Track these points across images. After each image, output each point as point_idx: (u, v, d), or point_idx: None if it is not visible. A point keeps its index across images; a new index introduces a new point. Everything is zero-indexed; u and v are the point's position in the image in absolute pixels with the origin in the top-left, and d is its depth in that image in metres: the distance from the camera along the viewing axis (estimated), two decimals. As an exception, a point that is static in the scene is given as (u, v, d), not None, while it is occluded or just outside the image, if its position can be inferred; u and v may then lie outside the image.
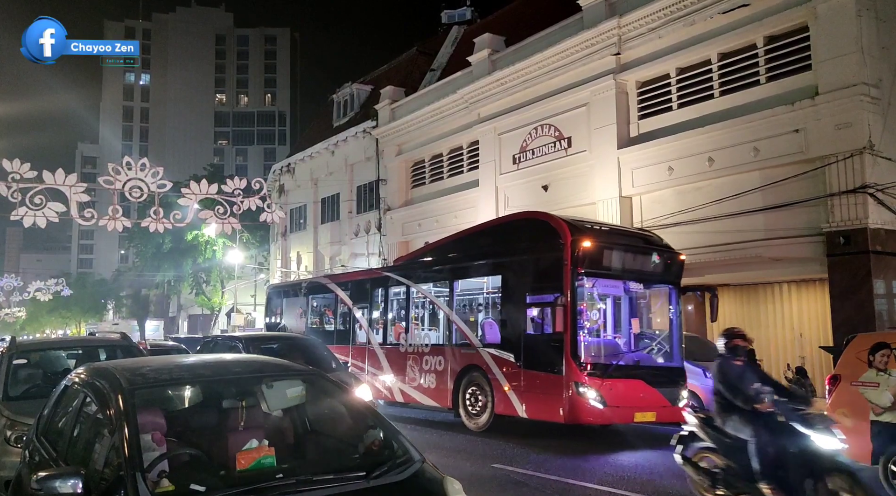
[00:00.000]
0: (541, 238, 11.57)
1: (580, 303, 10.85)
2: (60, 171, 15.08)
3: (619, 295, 12.28)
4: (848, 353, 8.15)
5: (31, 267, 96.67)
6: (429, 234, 24.96)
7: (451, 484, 3.75)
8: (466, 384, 12.57)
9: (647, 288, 12.20)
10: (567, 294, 10.50)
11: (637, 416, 10.73)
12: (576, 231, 11.00)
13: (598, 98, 19.18)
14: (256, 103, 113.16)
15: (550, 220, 11.67)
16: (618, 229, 12.91)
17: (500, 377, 11.74)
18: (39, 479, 3.58)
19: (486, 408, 12.03)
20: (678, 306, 11.80)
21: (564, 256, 10.70)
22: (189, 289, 47.72)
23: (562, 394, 10.48)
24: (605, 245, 11.10)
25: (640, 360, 11.39)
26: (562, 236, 10.93)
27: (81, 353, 9.27)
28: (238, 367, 5.05)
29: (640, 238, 12.36)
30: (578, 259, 10.62)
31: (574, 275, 10.60)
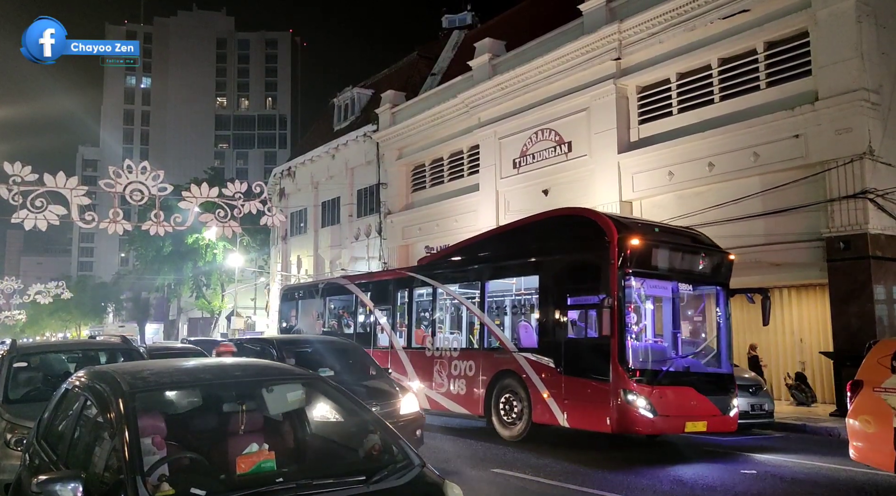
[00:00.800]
0: (584, 236, 10.93)
1: (628, 304, 10.16)
2: (61, 173, 15.09)
3: (666, 296, 11.47)
4: (870, 359, 7.90)
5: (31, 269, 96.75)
6: (429, 237, 24.96)
7: (451, 489, 3.74)
8: (500, 390, 11.88)
9: (695, 289, 11.48)
10: (614, 295, 9.89)
11: (688, 426, 10.07)
12: (622, 228, 10.37)
13: (598, 103, 19.21)
14: (257, 107, 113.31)
15: (595, 217, 11.06)
16: (664, 227, 12.19)
17: (538, 383, 11.08)
18: (40, 483, 3.57)
19: (522, 416, 11.32)
20: (727, 308, 11.25)
21: (611, 255, 10.07)
22: (189, 292, 47.75)
23: (609, 402, 9.83)
24: (654, 243, 10.47)
25: (690, 366, 10.69)
26: (607, 234, 10.27)
27: (81, 357, 9.26)
28: (238, 371, 5.04)
29: (687, 236, 11.69)
30: (626, 258, 10.02)
31: (621, 276, 9.98)
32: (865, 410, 7.60)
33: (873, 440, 7.06)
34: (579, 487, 7.99)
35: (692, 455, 10.36)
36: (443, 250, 15.83)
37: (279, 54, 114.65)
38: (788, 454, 10.27)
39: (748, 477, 8.64)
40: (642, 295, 10.83)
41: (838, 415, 13.24)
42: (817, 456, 10.06)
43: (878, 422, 7.42)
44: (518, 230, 13.32)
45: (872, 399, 7.56)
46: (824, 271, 14.19)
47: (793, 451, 10.51)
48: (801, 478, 8.62)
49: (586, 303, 10.67)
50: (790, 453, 10.35)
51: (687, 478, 8.52)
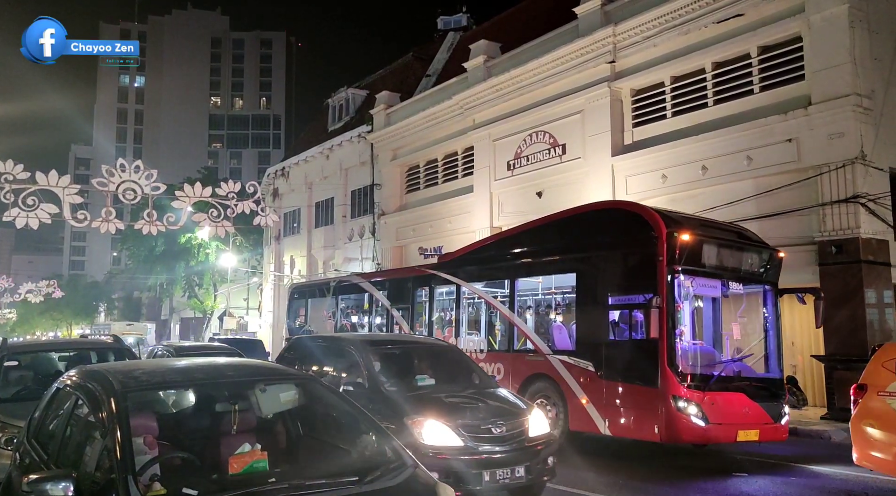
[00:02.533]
0: (628, 231, 10.29)
1: (677, 304, 9.47)
2: (54, 172, 15.03)
3: (715, 295, 10.74)
4: (874, 363, 7.72)
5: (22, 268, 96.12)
6: (423, 239, 24.99)
7: (443, 489, 3.75)
8: (532, 394, 11.18)
9: (744, 288, 10.70)
10: (662, 294, 9.27)
11: (740, 435, 9.37)
12: (671, 222, 9.75)
13: (592, 105, 19.25)
14: (251, 107, 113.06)
15: (641, 210, 10.35)
16: (712, 222, 11.47)
17: (575, 388, 10.46)
18: (31, 482, 3.56)
19: (556, 423, 10.62)
20: (776, 309, 10.67)
21: (658, 251, 9.45)
22: (182, 292, 47.57)
23: (657, 409, 9.17)
24: (703, 239, 9.79)
25: (740, 371, 10.04)
26: (655, 228, 9.65)
27: (73, 356, 9.22)
28: (231, 371, 5.03)
29: (734, 232, 11.01)
30: (674, 254, 9.37)
31: (670, 273, 9.35)
32: (870, 414, 7.45)
33: (878, 444, 6.95)
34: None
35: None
36: (466, 247, 15.14)
37: (274, 54, 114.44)
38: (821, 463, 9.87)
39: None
40: (691, 294, 10.03)
41: (829, 419, 13.30)
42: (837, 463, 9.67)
43: (882, 426, 7.29)
44: (553, 224, 12.43)
45: (877, 403, 7.42)
46: (816, 275, 14.24)
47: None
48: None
49: (630, 303, 10.02)
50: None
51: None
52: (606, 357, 10.18)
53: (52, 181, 14.92)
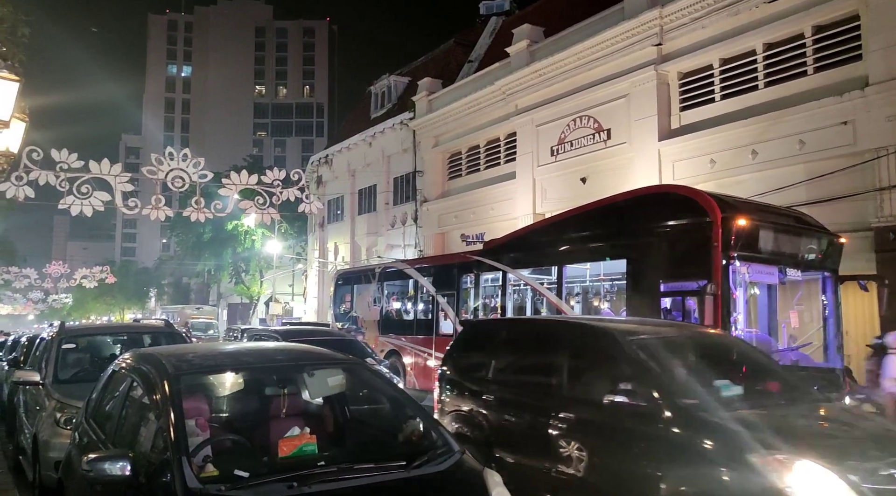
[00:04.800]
0: (681, 215, 10.06)
1: (732, 292, 9.24)
2: (106, 160, 15.36)
3: (772, 282, 10.40)
4: None
5: (77, 254, 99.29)
6: (465, 226, 24.94)
7: (491, 476, 3.75)
8: None
9: (803, 274, 10.37)
10: (717, 281, 9.05)
11: None
12: (726, 207, 9.53)
13: (638, 89, 18.90)
14: (295, 95, 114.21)
15: (694, 195, 10.14)
16: (767, 206, 11.09)
17: None
18: (90, 461, 3.68)
19: None
20: (836, 296, 10.33)
21: (713, 237, 9.23)
22: (229, 278, 48.54)
23: None
24: (760, 224, 9.49)
25: (799, 360, 9.76)
26: (710, 213, 9.44)
27: (126, 339, 9.48)
28: (280, 355, 5.11)
29: (793, 217, 10.67)
30: (730, 240, 9.13)
31: (725, 259, 9.11)
32: None
33: None
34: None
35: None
36: (513, 232, 15.00)
37: (316, 42, 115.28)
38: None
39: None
40: (746, 280, 9.73)
41: (884, 410, 12.90)
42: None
43: None
44: (603, 209, 12.12)
45: None
46: (872, 262, 13.76)
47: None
48: None
49: (683, 290, 9.81)
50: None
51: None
52: None
53: (104, 169, 15.24)
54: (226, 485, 3.39)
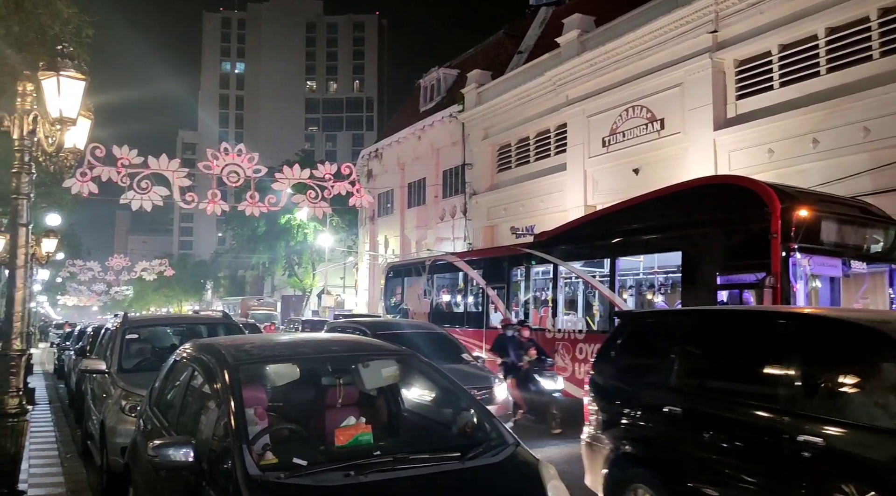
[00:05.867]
0: (739, 206, 9.82)
1: (793, 285, 8.99)
2: (164, 156, 15.81)
3: (835, 275, 10.16)
4: None
5: (137, 248, 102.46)
6: (514, 218, 24.84)
7: (546, 468, 3.73)
8: None
9: (867, 266, 10.07)
10: (776, 274, 8.83)
11: None
12: (786, 198, 9.28)
13: (693, 78, 18.47)
14: (345, 90, 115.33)
15: (752, 185, 9.89)
16: (831, 196, 10.75)
17: None
18: (155, 447, 3.80)
19: None
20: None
21: (773, 228, 9.00)
22: (282, 270, 49.51)
23: None
24: (822, 214, 9.22)
25: None
26: (768, 203, 9.20)
27: (186, 330, 9.75)
28: (335, 346, 5.19)
29: (857, 207, 10.35)
30: (790, 231, 8.88)
31: (785, 251, 8.89)
32: None
33: None
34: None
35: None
36: (563, 225, 14.97)
37: (366, 37, 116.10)
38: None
39: None
40: (808, 273, 9.51)
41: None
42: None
43: None
44: (657, 201, 11.93)
45: None
46: (941, 255, 13.20)
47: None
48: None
49: (741, 283, 9.66)
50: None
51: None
52: None
53: (162, 165, 15.70)
54: (285, 472, 3.46)
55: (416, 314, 18.37)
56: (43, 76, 5.34)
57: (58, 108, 5.34)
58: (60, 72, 5.27)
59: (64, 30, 11.51)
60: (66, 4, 11.32)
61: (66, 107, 5.35)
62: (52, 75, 5.28)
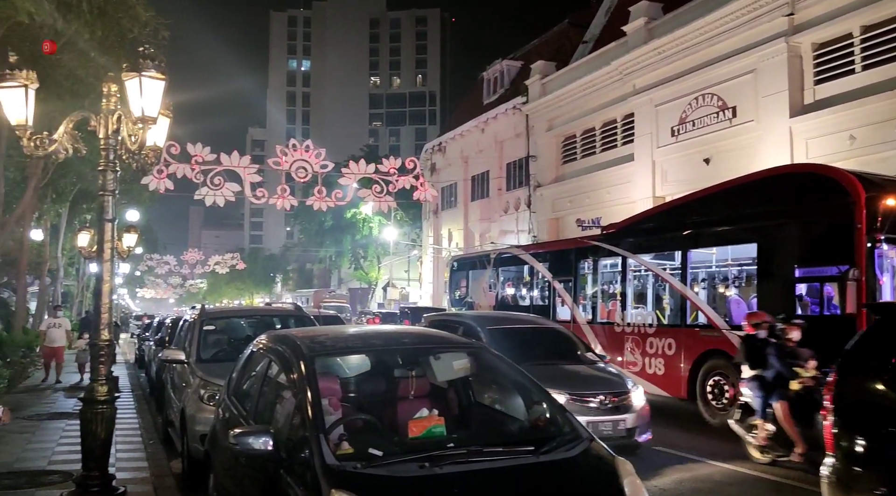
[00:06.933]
0: (819, 196, 9.45)
1: (878, 278, 8.61)
2: (235, 153, 16.17)
3: None
4: None
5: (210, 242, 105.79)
6: (580, 210, 24.53)
7: (623, 465, 3.67)
8: (706, 372, 10.71)
9: None
10: (861, 266, 8.48)
11: None
12: (871, 186, 8.90)
13: (767, 63, 17.80)
14: (408, 84, 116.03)
15: (834, 174, 9.51)
16: None
17: None
18: (235, 435, 3.92)
19: (734, 401, 9.93)
20: None
21: (856, 218, 8.64)
22: (348, 264, 50.34)
23: None
24: None
25: None
26: (852, 193, 8.85)
27: (258, 322, 10.01)
28: (406, 338, 5.23)
29: None
30: (876, 222, 8.49)
31: (870, 242, 8.50)
32: None
33: None
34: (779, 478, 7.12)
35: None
36: (632, 217, 14.75)
37: (429, 31, 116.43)
38: None
39: None
40: (895, 265, 9.09)
41: None
42: None
43: None
44: (731, 191, 11.59)
45: None
46: None
47: None
48: None
49: (822, 275, 9.34)
50: None
51: None
52: None
53: (234, 161, 16.14)
54: (361, 462, 3.51)
55: (481, 307, 18.37)
56: (126, 77, 5.56)
57: (140, 108, 5.55)
58: (142, 72, 5.47)
59: (142, 32, 12.02)
60: (144, 8, 11.82)
61: (147, 106, 5.56)
62: (135, 76, 5.49)
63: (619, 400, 8.04)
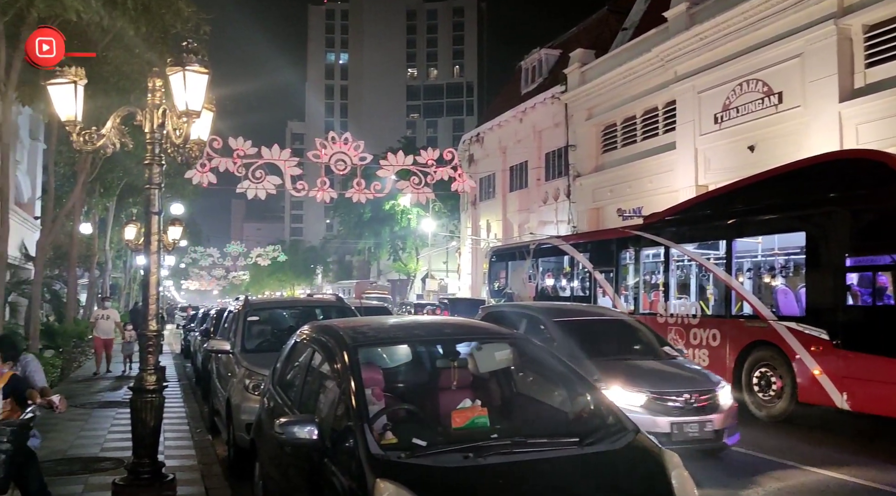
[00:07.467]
0: (872, 183, 9.22)
1: None
2: (276, 146, 16.43)
3: None
4: None
5: (252, 235, 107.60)
6: (621, 200, 24.21)
7: (670, 457, 3.60)
8: (753, 364, 10.59)
9: None
10: None
11: None
12: None
13: (814, 47, 17.28)
14: (445, 76, 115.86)
15: (887, 160, 9.30)
16: None
17: (805, 358, 9.66)
18: (281, 424, 3.96)
19: (782, 393, 9.95)
20: None
21: None
22: (387, 255, 50.65)
23: None
24: None
25: None
26: None
27: (301, 313, 10.11)
28: (448, 329, 5.22)
29: None
30: None
31: None
32: None
33: None
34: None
35: None
36: (674, 206, 14.54)
37: (466, 22, 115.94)
38: None
39: None
40: None
41: None
42: None
43: None
44: (779, 178, 11.31)
45: None
46: None
47: None
48: None
49: (875, 265, 9.11)
50: None
51: None
52: (844, 324, 9.29)
53: (274, 155, 16.34)
54: (405, 452, 3.51)
55: (521, 298, 18.29)
56: (170, 71, 5.63)
57: (184, 102, 5.62)
58: (186, 66, 5.53)
59: (184, 28, 12.21)
60: (186, 4, 11.99)
61: (191, 100, 5.62)
62: (179, 70, 5.56)
63: (706, 399, 7.43)
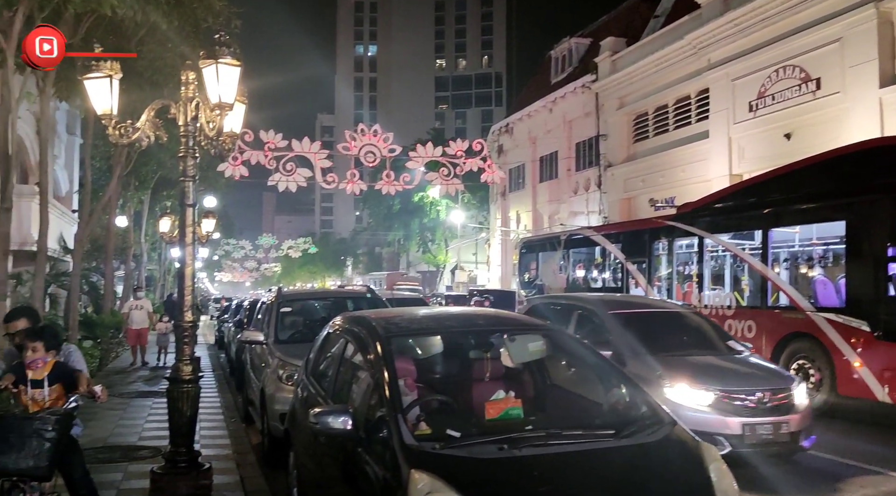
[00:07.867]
0: None
1: None
2: (306, 139, 16.47)
3: None
4: None
5: (283, 227, 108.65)
6: (653, 190, 23.89)
7: (708, 450, 3.54)
8: (790, 356, 10.43)
9: None
10: None
11: None
12: None
13: (854, 31, 16.84)
14: (474, 66, 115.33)
15: None
16: None
17: (845, 350, 9.49)
18: (316, 414, 3.98)
19: (820, 386, 9.82)
20: None
21: None
22: (416, 247, 50.79)
23: None
24: None
25: None
26: None
27: (333, 304, 10.19)
28: (481, 320, 5.20)
29: None
30: None
31: None
32: None
33: None
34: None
35: None
36: (708, 196, 14.35)
37: (494, 12, 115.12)
38: None
39: None
40: None
41: None
42: None
43: None
44: (818, 166, 11.09)
45: None
46: None
47: None
48: None
49: None
50: None
51: None
52: (886, 316, 9.10)
53: (305, 147, 16.42)
54: (440, 443, 3.50)
55: (552, 290, 18.20)
56: (203, 64, 5.67)
57: (217, 94, 5.66)
58: (218, 59, 5.57)
59: (216, 21, 12.31)
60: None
61: (224, 92, 5.66)
62: (212, 63, 5.59)
63: (780, 398, 6.86)
